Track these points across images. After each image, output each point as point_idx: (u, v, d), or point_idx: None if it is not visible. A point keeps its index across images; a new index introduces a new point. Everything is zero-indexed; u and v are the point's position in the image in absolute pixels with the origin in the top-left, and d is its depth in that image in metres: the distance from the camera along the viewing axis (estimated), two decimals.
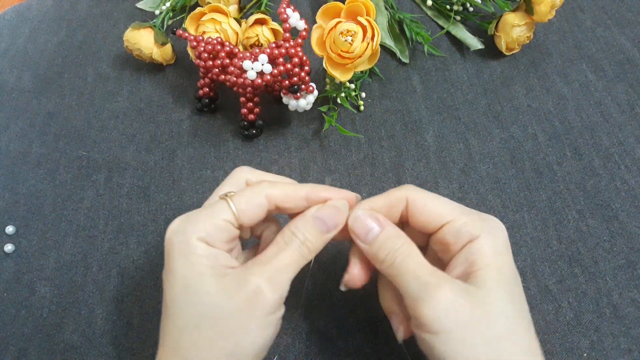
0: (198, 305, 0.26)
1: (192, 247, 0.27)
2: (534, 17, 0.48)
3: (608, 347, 0.36)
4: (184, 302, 0.27)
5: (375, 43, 0.42)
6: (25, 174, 0.46)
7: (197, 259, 0.27)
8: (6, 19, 0.58)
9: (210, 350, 0.26)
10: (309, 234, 0.29)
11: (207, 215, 0.28)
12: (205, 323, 0.26)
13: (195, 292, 0.27)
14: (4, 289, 0.40)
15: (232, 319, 0.26)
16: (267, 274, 0.27)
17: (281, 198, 0.30)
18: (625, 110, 0.48)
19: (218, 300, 0.26)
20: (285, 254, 0.28)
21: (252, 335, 0.27)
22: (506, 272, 0.28)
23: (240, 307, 0.26)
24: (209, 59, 0.43)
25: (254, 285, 0.27)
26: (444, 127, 0.47)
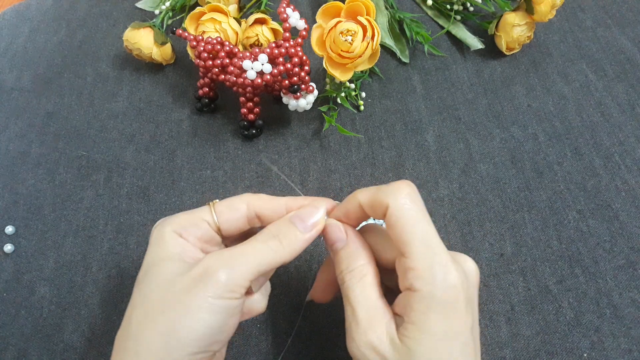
0: (152, 284, 0.27)
1: (164, 237, 0.28)
2: (535, 16, 0.48)
3: (608, 347, 0.36)
4: (142, 281, 0.27)
5: (375, 43, 0.42)
6: (25, 174, 0.46)
7: (165, 246, 0.28)
8: (6, 19, 0.58)
9: (150, 327, 0.25)
10: (283, 228, 0.29)
11: (187, 213, 0.30)
12: (151, 300, 0.26)
13: (152, 272, 0.27)
14: (4, 289, 0.40)
15: (176, 298, 0.26)
16: (223, 257, 0.27)
17: (260, 205, 0.30)
18: (625, 110, 0.48)
19: (169, 281, 0.26)
20: (251, 244, 0.28)
21: (193, 317, 0.25)
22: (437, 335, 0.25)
23: (186, 286, 0.26)
24: (209, 58, 0.43)
25: (205, 265, 0.26)
26: (444, 127, 0.47)
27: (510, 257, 0.40)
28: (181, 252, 0.28)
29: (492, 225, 0.41)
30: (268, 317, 0.38)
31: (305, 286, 0.39)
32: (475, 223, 0.42)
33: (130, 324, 0.26)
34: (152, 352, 0.25)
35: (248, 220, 0.31)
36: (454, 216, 0.42)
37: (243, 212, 0.30)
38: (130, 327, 0.26)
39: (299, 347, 0.37)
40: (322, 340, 0.37)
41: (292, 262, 0.40)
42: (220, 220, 0.30)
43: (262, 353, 0.36)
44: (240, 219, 0.30)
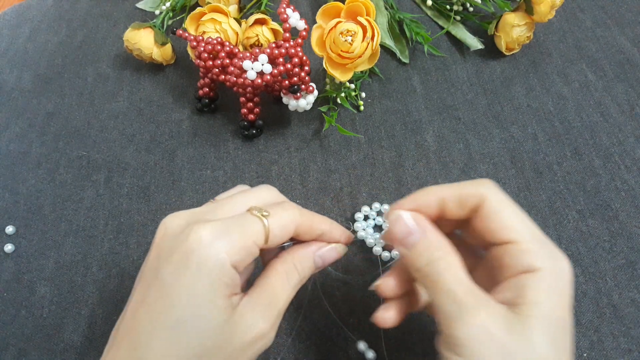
0: (199, 329, 0.25)
1: (221, 270, 0.25)
2: (534, 17, 0.48)
3: (608, 347, 0.36)
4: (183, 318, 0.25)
5: (375, 43, 0.42)
6: (25, 174, 0.46)
7: (220, 286, 0.25)
8: (6, 19, 0.58)
9: None
10: (307, 269, 0.30)
11: (241, 234, 0.26)
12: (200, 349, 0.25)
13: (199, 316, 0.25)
14: (4, 289, 0.40)
15: (228, 353, 0.26)
16: (273, 318, 0.27)
17: (304, 229, 0.29)
18: (625, 110, 0.48)
19: (221, 330, 0.25)
20: (287, 294, 0.29)
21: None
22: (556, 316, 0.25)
23: (241, 346, 0.26)
24: (209, 59, 0.43)
25: (260, 330, 0.27)
26: (444, 127, 0.47)
27: None
28: (230, 287, 0.26)
29: None
30: None
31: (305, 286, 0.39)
32: None
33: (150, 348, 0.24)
34: None
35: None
36: None
37: (291, 234, 0.29)
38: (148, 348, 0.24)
39: (299, 347, 0.37)
40: (322, 340, 0.37)
41: None
42: (272, 242, 0.28)
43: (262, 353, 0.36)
44: (287, 237, 0.29)
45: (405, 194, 0.43)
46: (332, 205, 0.43)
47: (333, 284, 0.39)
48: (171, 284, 0.25)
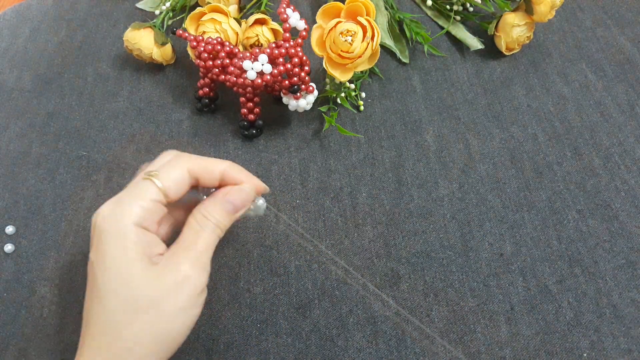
0: (130, 290, 0.28)
1: (126, 232, 0.29)
2: (534, 17, 0.48)
3: (608, 347, 0.36)
4: (116, 287, 0.28)
5: (375, 43, 0.42)
6: (25, 174, 0.46)
7: (130, 245, 0.29)
8: (6, 19, 0.58)
9: (140, 333, 0.28)
10: (219, 216, 0.32)
11: (136, 197, 0.30)
12: (135, 307, 0.28)
13: (127, 277, 0.28)
14: (4, 289, 0.40)
15: (162, 304, 0.28)
16: (192, 259, 0.30)
17: (199, 172, 0.32)
18: (625, 110, 0.48)
19: (149, 287, 0.28)
20: (203, 238, 0.31)
21: (181, 318, 0.29)
22: None
23: (170, 293, 0.28)
24: (209, 59, 0.43)
25: (182, 272, 0.29)
26: (444, 127, 0.47)
27: (510, 257, 0.40)
28: (145, 247, 0.29)
29: (492, 225, 0.41)
30: (268, 317, 0.38)
31: (305, 286, 0.39)
32: (475, 223, 0.42)
33: (115, 331, 0.28)
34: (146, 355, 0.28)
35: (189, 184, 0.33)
36: (454, 216, 0.42)
37: (187, 180, 0.32)
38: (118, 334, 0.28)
39: (299, 347, 0.37)
40: (322, 340, 0.37)
41: (292, 262, 0.40)
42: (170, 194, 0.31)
43: (262, 353, 0.36)
44: (185, 187, 0.32)
45: (405, 194, 0.43)
46: (332, 205, 0.43)
47: (333, 284, 0.39)
48: (95, 262, 0.29)
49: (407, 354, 0.36)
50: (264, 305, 0.38)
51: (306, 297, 0.39)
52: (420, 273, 0.39)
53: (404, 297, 0.38)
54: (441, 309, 0.38)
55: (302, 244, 0.41)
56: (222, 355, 0.37)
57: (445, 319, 0.37)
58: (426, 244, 0.41)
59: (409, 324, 0.37)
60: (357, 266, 0.40)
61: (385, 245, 0.41)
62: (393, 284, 0.39)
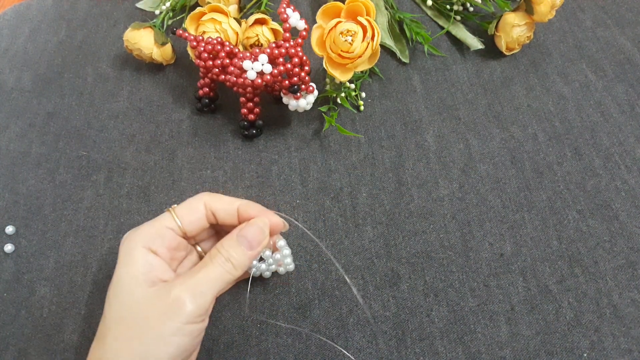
0: (124, 306, 0.29)
1: (134, 253, 0.31)
2: (534, 17, 0.48)
3: (608, 347, 0.36)
4: (115, 301, 0.30)
5: (375, 43, 0.42)
6: (25, 174, 0.46)
7: (134, 264, 0.30)
8: (6, 19, 0.58)
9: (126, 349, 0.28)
10: (232, 250, 0.32)
11: (151, 223, 0.32)
12: (126, 323, 0.29)
13: (124, 293, 0.30)
14: (4, 289, 0.40)
15: (149, 323, 0.29)
16: (189, 286, 0.30)
17: (216, 207, 0.33)
18: (625, 110, 0.48)
19: (141, 305, 0.29)
20: (208, 269, 0.31)
21: (166, 341, 0.28)
22: None
23: (159, 314, 0.29)
24: (209, 59, 0.43)
25: (175, 295, 0.29)
26: (444, 127, 0.47)
27: (510, 257, 0.40)
28: (150, 270, 0.30)
29: (492, 225, 0.41)
30: (268, 317, 0.38)
31: (305, 286, 0.39)
32: (475, 223, 0.42)
33: (105, 343, 0.29)
34: None
35: (207, 219, 0.34)
36: (454, 216, 0.42)
37: (202, 213, 0.33)
38: (105, 347, 0.29)
39: (299, 347, 0.37)
40: (322, 340, 0.37)
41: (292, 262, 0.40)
42: (184, 224, 0.33)
43: (262, 353, 0.36)
44: (201, 220, 0.33)
45: (405, 194, 0.43)
46: (332, 205, 0.43)
47: (333, 284, 0.39)
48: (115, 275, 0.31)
49: (407, 354, 0.36)
50: (264, 305, 0.38)
51: (306, 297, 0.39)
52: (420, 273, 0.39)
53: (404, 297, 0.38)
54: (441, 309, 0.38)
55: (302, 244, 0.41)
56: (222, 355, 0.37)
57: (445, 319, 0.37)
58: (426, 244, 0.41)
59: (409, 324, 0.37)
60: (357, 266, 0.40)
61: (385, 245, 0.41)
62: (393, 284, 0.39)
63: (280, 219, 0.35)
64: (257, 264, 0.36)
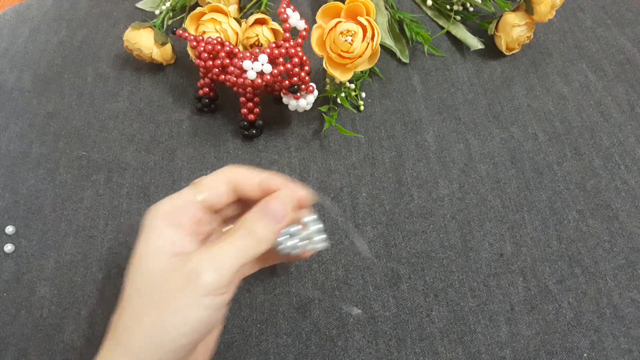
0: (144, 277, 0.29)
1: (155, 226, 0.30)
2: (534, 17, 0.48)
3: (608, 347, 0.36)
4: (134, 273, 0.29)
5: (375, 43, 0.42)
6: (25, 174, 0.46)
7: (156, 237, 0.30)
8: (6, 19, 0.58)
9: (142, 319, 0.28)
10: (256, 223, 0.30)
11: (174, 196, 0.32)
12: (143, 294, 0.28)
13: (144, 266, 0.29)
14: (4, 289, 0.40)
15: (167, 294, 0.28)
16: (208, 257, 0.29)
17: (238, 180, 0.32)
18: (625, 110, 0.48)
19: (160, 276, 0.28)
20: (229, 241, 0.30)
21: (184, 313, 0.27)
22: None
23: (176, 285, 0.28)
24: (209, 59, 0.43)
25: (192, 266, 0.28)
26: (444, 127, 0.47)
27: (510, 257, 0.40)
28: (172, 243, 0.29)
29: (492, 225, 0.41)
30: (268, 317, 0.38)
31: (305, 286, 0.39)
32: (475, 223, 0.42)
33: (122, 315, 0.28)
34: (144, 343, 0.27)
35: (231, 192, 0.32)
36: (454, 216, 0.42)
37: (224, 187, 0.32)
38: (123, 317, 0.28)
39: (299, 347, 0.37)
40: (322, 340, 0.37)
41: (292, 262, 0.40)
42: (206, 197, 0.31)
43: (262, 353, 0.36)
44: (224, 194, 0.32)
45: (405, 194, 0.43)
46: (332, 205, 0.43)
47: (333, 284, 0.39)
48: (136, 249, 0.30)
49: (407, 354, 0.36)
50: (264, 305, 0.38)
51: (306, 297, 0.39)
52: (420, 273, 0.39)
53: (404, 297, 0.38)
54: (441, 309, 0.38)
55: None
56: (222, 355, 0.37)
57: (445, 319, 0.37)
58: (426, 244, 0.41)
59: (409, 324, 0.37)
60: (357, 266, 0.40)
61: (385, 246, 0.41)
62: (393, 284, 0.39)
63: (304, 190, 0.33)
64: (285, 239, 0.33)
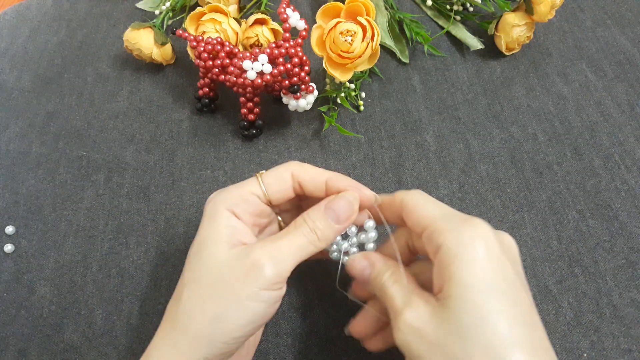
0: (203, 265, 0.29)
1: (217, 215, 0.30)
2: (534, 17, 0.48)
3: (608, 347, 0.36)
4: (195, 260, 0.29)
5: (375, 43, 0.42)
6: (25, 174, 0.46)
7: (217, 226, 0.29)
8: (6, 19, 0.58)
9: (201, 307, 0.28)
10: (318, 222, 0.30)
11: (237, 187, 0.31)
12: (204, 282, 0.28)
13: (205, 254, 0.29)
14: (4, 289, 0.40)
15: (227, 285, 0.28)
16: (269, 250, 0.29)
17: (303, 177, 0.32)
18: (625, 110, 0.48)
19: (221, 266, 0.28)
20: (292, 236, 0.30)
21: (242, 305, 0.27)
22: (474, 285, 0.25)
23: (237, 276, 0.28)
24: (209, 59, 0.43)
25: (254, 258, 0.28)
26: (444, 127, 0.47)
27: None
28: (232, 233, 0.29)
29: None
30: None
31: (305, 286, 0.39)
32: None
33: (180, 301, 0.28)
34: (200, 331, 0.27)
35: (294, 189, 0.32)
36: None
37: (289, 182, 0.32)
38: (181, 304, 0.28)
39: (299, 347, 0.37)
40: (322, 340, 0.37)
41: None
42: (269, 192, 0.31)
43: (262, 353, 0.36)
44: (288, 190, 0.32)
45: None
46: None
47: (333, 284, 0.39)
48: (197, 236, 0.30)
49: None
50: None
51: (306, 297, 0.39)
52: None
53: None
54: None
55: None
56: None
57: None
58: None
59: None
60: None
61: None
62: None
63: (372, 193, 0.33)
64: (340, 240, 0.33)
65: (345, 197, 0.31)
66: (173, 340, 0.28)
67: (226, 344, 0.28)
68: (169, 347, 0.28)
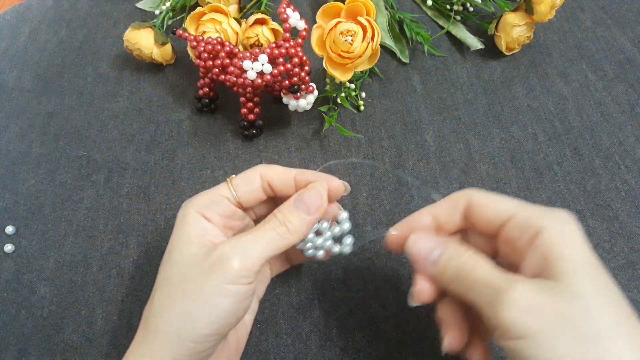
0: (173, 265, 0.29)
1: (187, 218, 0.30)
2: (534, 17, 0.48)
3: None
4: (165, 262, 0.30)
5: (375, 43, 0.42)
6: (25, 174, 0.46)
7: (187, 229, 0.30)
8: (6, 19, 0.58)
9: (170, 306, 0.28)
10: (289, 214, 0.30)
11: (207, 191, 0.32)
12: (173, 282, 0.29)
13: (175, 254, 0.29)
14: (4, 289, 0.40)
15: (194, 281, 0.28)
16: (236, 244, 0.29)
17: (271, 176, 0.32)
18: (625, 110, 0.48)
19: (188, 264, 0.29)
20: (260, 231, 0.30)
21: (209, 301, 0.27)
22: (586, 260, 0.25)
23: (203, 272, 0.28)
24: (209, 59, 0.43)
25: (219, 253, 0.28)
26: (444, 127, 0.47)
27: None
28: (202, 234, 0.30)
29: None
30: (268, 317, 0.38)
31: (305, 286, 0.39)
32: None
33: (153, 303, 0.29)
34: (170, 331, 0.27)
35: (264, 190, 0.32)
36: None
37: (258, 184, 0.32)
38: (153, 306, 0.29)
39: (299, 347, 0.37)
40: (323, 340, 0.37)
41: None
42: (239, 194, 0.32)
43: (262, 353, 0.36)
44: (257, 191, 0.32)
45: (405, 193, 0.43)
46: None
47: (333, 284, 0.39)
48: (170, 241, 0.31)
49: (407, 355, 0.36)
50: (264, 305, 0.38)
51: (306, 297, 0.39)
52: None
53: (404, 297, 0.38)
54: None
55: None
56: None
57: None
58: None
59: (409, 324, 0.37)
60: (357, 266, 0.40)
61: None
62: (393, 284, 0.39)
63: (340, 182, 0.33)
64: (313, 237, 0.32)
65: (313, 187, 0.32)
66: (146, 343, 0.28)
67: (195, 343, 0.27)
68: (143, 350, 0.28)
